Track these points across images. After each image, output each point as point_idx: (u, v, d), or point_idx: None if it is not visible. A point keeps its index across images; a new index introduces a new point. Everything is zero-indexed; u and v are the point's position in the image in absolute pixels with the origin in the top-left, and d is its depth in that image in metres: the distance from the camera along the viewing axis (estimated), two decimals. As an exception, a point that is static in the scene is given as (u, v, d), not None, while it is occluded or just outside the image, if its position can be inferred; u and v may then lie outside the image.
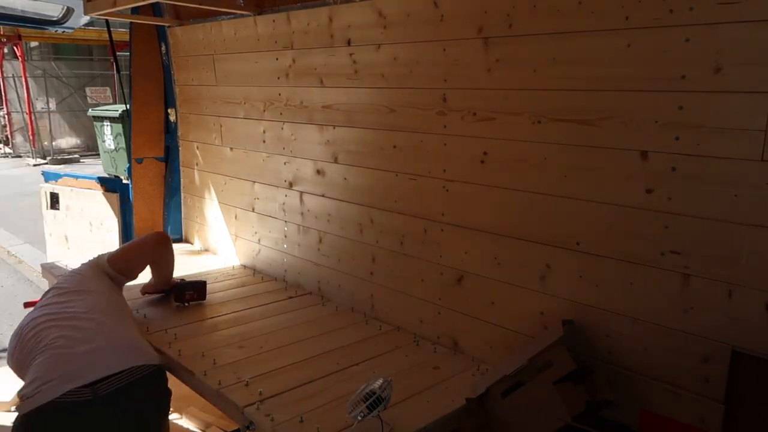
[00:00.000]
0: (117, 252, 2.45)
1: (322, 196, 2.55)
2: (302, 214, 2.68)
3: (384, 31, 2.14)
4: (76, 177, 4.20)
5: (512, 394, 1.64)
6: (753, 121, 1.34)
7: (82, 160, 14.42)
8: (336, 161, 2.45)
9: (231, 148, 3.08)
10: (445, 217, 2.05)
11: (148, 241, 2.50)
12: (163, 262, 2.56)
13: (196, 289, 2.57)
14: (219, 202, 3.26)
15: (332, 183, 2.49)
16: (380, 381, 1.54)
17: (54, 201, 4.28)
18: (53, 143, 14.98)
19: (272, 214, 2.87)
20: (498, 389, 1.67)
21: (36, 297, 2.63)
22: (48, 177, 4.35)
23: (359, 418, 1.51)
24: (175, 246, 3.57)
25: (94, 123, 10.05)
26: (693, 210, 1.46)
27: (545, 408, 1.57)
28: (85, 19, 4.51)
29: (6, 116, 15.63)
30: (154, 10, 3.35)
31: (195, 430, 2.77)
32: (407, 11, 2.05)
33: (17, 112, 15.58)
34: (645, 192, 1.54)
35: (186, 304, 2.54)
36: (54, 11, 4.33)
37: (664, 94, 1.47)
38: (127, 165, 3.68)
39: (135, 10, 3.25)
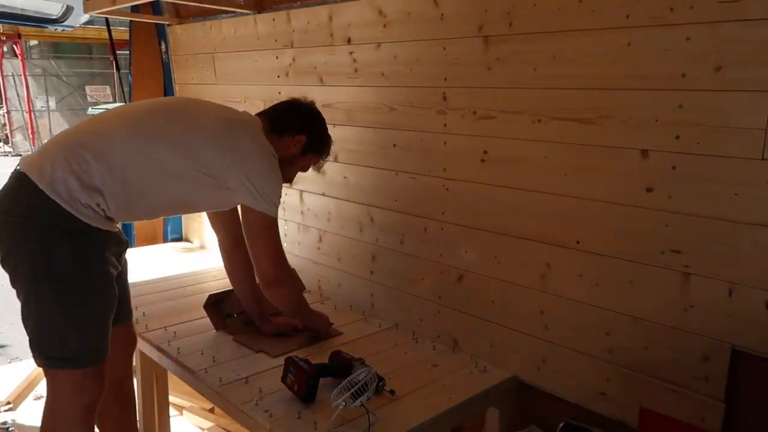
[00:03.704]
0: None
1: (322, 194, 2.55)
2: (302, 212, 2.68)
3: (384, 29, 2.14)
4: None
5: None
6: (753, 119, 1.34)
7: (81, 159, 14.39)
8: (336, 160, 2.44)
9: (231, 147, 3.07)
10: (445, 215, 2.05)
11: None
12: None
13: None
14: (219, 201, 3.26)
15: (332, 181, 2.49)
16: (365, 371, 1.56)
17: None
18: (53, 142, 14.95)
19: (272, 212, 2.87)
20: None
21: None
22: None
23: (341, 406, 1.53)
24: (176, 245, 3.59)
25: (94, 122, 10.05)
26: (693, 209, 1.46)
27: None
28: (85, 17, 4.52)
29: (6, 115, 15.62)
30: (154, 8, 3.35)
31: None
32: (407, 9, 2.05)
33: (17, 110, 15.58)
34: (645, 191, 1.54)
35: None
36: (54, 9, 4.34)
37: (665, 92, 1.47)
38: (127, 163, 3.67)
39: (135, 9, 3.24)
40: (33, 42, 15.90)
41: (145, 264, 3.15)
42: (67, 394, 1.70)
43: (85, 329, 1.69)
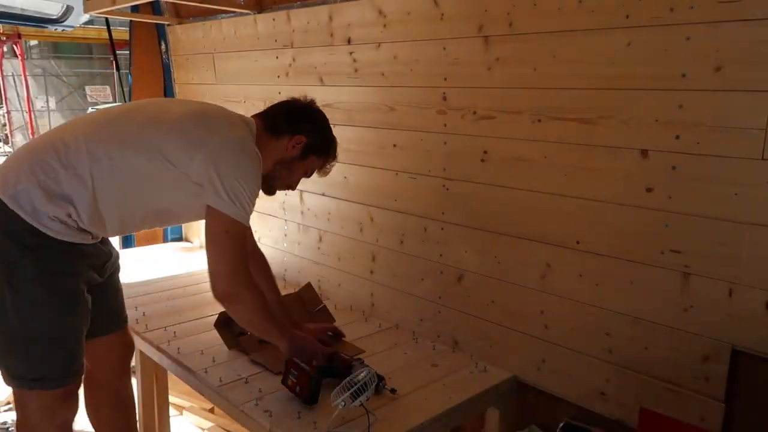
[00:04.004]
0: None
1: (322, 194, 2.55)
2: (302, 212, 2.68)
3: (384, 29, 2.14)
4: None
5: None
6: (753, 119, 1.34)
7: (81, 159, 14.36)
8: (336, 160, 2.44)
9: (231, 147, 3.08)
10: (445, 215, 2.05)
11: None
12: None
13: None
14: (219, 201, 3.26)
15: (332, 182, 2.49)
16: (365, 371, 1.56)
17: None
18: (53, 142, 14.96)
19: (272, 212, 2.87)
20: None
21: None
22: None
23: (341, 406, 1.53)
24: (176, 244, 3.59)
25: (94, 122, 10.05)
26: (693, 209, 1.46)
27: None
28: (85, 17, 4.52)
29: (6, 115, 15.61)
30: (154, 8, 3.35)
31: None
32: (407, 9, 2.05)
33: (17, 110, 15.57)
34: (645, 191, 1.54)
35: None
36: (54, 9, 4.34)
37: (665, 92, 1.47)
38: (127, 163, 3.67)
39: (134, 9, 3.24)
40: (33, 42, 15.89)
41: (145, 264, 3.15)
42: (38, 415, 1.63)
43: (52, 349, 1.61)
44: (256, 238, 2.99)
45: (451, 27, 1.93)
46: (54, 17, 4.40)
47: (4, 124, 15.93)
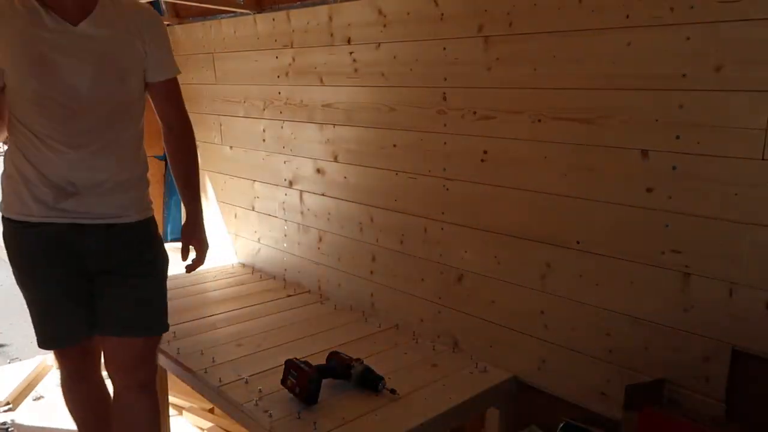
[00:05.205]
0: None
1: (322, 195, 2.55)
2: (302, 213, 2.68)
3: (384, 29, 2.14)
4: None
5: None
6: (753, 119, 1.34)
7: (81, 159, 14.35)
8: (336, 160, 2.45)
9: (231, 147, 3.08)
10: (445, 215, 2.05)
11: None
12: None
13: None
14: (219, 201, 3.26)
15: (332, 182, 2.49)
16: None
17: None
18: (52, 142, 14.96)
19: (272, 212, 2.87)
20: None
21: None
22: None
23: None
24: (176, 244, 3.58)
25: (94, 122, 10.05)
26: (693, 209, 1.46)
27: None
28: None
29: (5, 115, 15.63)
30: (154, 8, 3.35)
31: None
32: (407, 9, 2.05)
33: (16, 110, 15.58)
34: (645, 191, 1.54)
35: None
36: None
37: (665, 92, 1.47)
38: (127, 163, 3.67)
39: (135, 9, 3.24)
40: (33, 42, 15.90)
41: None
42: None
43: (33, 318, 1.80)
44: (256, 238, 2.99)
45: (451, 27, 1.93)
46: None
47: (4, 124, 15.94)
